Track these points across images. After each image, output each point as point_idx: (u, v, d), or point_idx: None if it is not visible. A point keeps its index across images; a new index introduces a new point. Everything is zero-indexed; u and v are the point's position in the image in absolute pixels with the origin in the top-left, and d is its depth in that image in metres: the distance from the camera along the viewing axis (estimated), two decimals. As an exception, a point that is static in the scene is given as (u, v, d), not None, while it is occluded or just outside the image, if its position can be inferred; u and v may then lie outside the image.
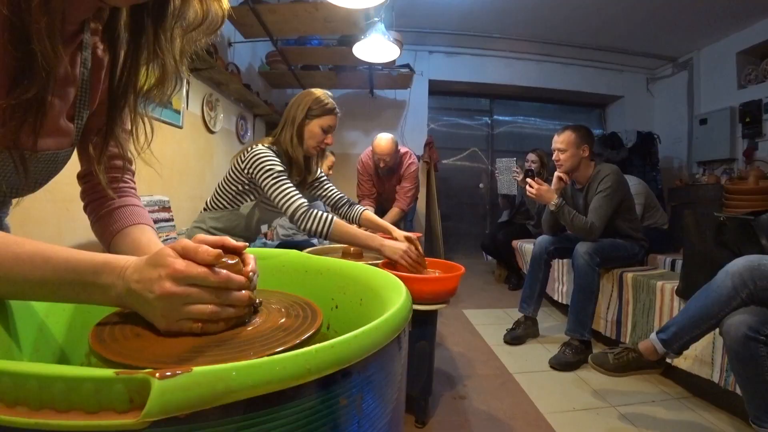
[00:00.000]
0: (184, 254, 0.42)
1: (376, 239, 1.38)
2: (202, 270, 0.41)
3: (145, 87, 0.58)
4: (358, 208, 1.72)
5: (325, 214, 1.41)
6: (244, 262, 0.47)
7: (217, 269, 0.42)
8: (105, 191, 0.64)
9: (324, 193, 1.76)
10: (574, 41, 4.33)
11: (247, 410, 0.27)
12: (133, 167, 0.71)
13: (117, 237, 0.65)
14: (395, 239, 1.44)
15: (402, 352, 0.44)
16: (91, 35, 0.59)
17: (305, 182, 1.70)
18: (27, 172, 0.49)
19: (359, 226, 1.66)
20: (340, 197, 1.75)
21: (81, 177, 0.69)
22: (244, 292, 0.44)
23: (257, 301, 0.48)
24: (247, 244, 0.46)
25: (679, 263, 2.19)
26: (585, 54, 4.58)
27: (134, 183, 0.73)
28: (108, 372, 0.25)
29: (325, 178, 1.79)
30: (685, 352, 1.48)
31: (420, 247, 1.38)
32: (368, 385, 0.36)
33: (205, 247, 0.42)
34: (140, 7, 0.54)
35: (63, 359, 0.50)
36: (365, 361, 0.34)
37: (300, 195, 1.45)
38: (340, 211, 1.73)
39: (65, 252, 0.41)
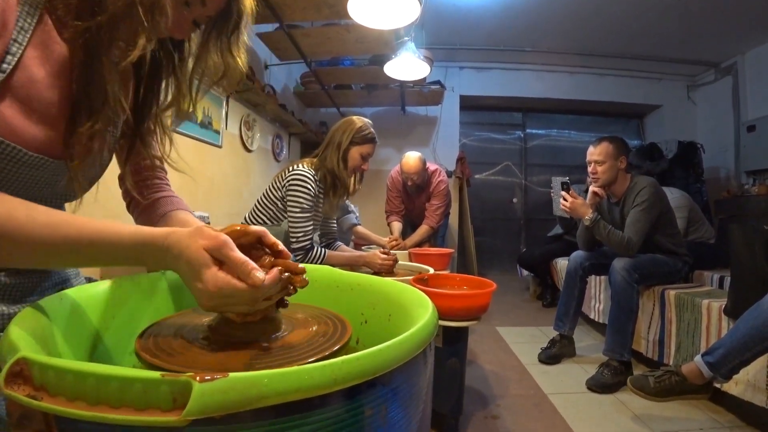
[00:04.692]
0: (230, 266, 0.44)
1: (360, 258, 1.68)
2: (235, 289, 0.43)
3: (164, 103, 0.67)
4: (337, 243, 1.97)
5: (320, 251, 1.67)
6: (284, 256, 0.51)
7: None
8: (140, 190, 0.71)
9: (328, 229, 1.95)
10: (609, 51, 4.24)
11: (277, 415, 0.29)
12: (164, 166, 0.76)
13: (160, 222, 0.70)
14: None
15: (428, 367, 0.44)
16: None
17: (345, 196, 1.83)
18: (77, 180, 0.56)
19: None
20: (331, 236, 1.98)
21: (122, 179, 0.74)
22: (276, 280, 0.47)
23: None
24: (279, 243, 0.50)
25: (727, 280, 2.07)
26: (620, 63, 4.47)
27: (167, 180, 0.78)
28: (155, 374, 0.28)
29: (334, 220, 1.98)
30: (736, 377, 1.40)
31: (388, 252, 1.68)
32: (393, 397, 0.37)
33: (254, 270, 0.44)
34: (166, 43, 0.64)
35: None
36: (390, 373, 0.35)
37: (310, 236, 1.65)
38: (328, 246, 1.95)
39: (127, 231, 0.46)
